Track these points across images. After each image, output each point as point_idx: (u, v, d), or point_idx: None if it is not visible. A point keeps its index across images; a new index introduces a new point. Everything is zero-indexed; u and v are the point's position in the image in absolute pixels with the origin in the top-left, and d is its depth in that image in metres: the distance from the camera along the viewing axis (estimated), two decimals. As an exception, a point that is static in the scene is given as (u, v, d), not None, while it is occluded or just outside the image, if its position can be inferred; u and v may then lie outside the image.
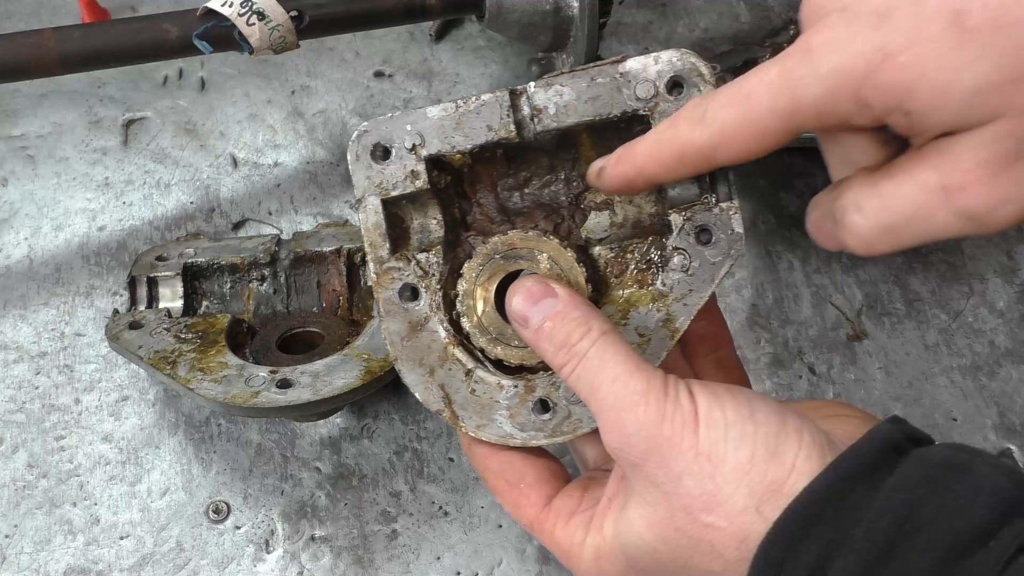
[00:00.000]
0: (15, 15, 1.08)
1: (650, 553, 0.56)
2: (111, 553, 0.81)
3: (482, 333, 0.63)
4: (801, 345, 0.93)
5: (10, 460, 0.85)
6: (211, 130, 1.02)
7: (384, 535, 0.82)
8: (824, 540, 0.50)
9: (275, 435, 0.86)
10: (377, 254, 0.63)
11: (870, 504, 0.49)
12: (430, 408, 0.63)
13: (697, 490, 0.53)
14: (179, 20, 0.87)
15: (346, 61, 1.07)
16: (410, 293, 0.63)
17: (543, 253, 0.64)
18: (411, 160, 0.62)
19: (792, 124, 0.51)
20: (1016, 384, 0.91)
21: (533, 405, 0.62)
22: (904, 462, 0.51)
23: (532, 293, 0.58)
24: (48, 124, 1.02)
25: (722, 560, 0.54)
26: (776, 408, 0.55)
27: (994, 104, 0.46)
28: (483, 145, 0.62)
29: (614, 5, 0.96)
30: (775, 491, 0.52)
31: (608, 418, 0.55)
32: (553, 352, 0.57)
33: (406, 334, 0.63)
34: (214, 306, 0.89)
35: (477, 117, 0.62)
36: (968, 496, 0.48)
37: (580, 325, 0.57)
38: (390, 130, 0.63)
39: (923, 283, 0.96)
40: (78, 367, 0.89)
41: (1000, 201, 0.48)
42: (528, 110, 0.62)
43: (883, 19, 0.48)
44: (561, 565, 0.81)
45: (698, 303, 0.62)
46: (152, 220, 0.97)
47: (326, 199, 0.99)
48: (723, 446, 0.53)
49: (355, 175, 0.63)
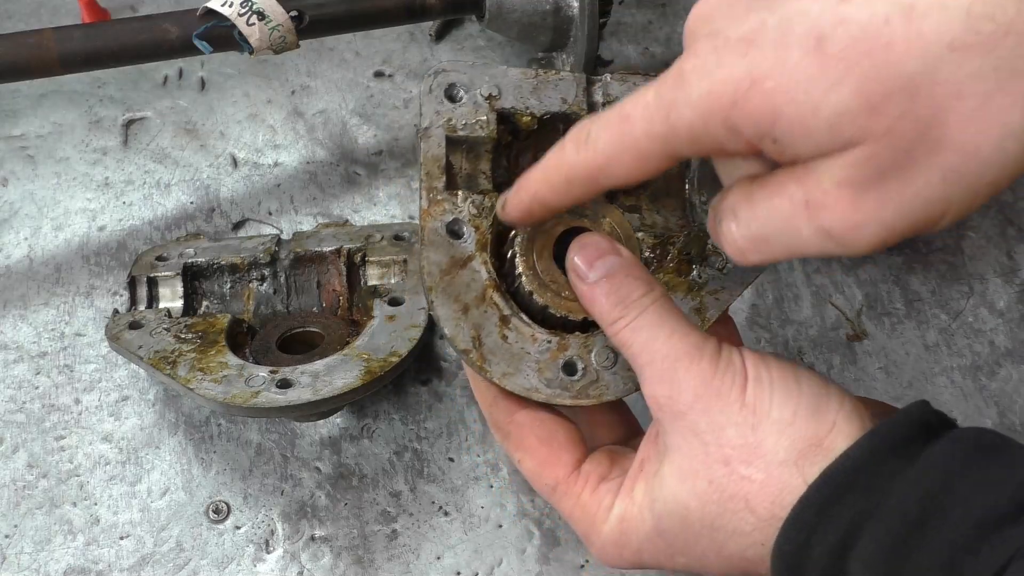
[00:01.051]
0: (15, 15, 1.08)
1: (679, 511, 0.56)
2: (111, 553, 0.81)
3: (535, 278, 0.63)
4: (801, 345, 0.93)
5: (10, 460, 0.85)
6: (211, 130, 1.02)
7: (384, 535, 0.82)
8: (856, 508, 0.50)
9: (275, 435, 0.86)
10: (432, 184, 0.64)
11: (904, 477, 0.50)
12: (456, 346, 0.63)
13: (739, 440, 0.54)
14: (179, 20, 0.87)
15: (346, 61, 1.07)
16: (458, 229, 0.64)
17: (606, 217, 0.65)
18: (484, 108, 0.64)
19: (669, 148, 0.52)
20: (1016, 384, 0.91)
21: (563, 364, 0.62)
22: (939, 440, 0.51)
23: (599, 247, 0.60)
24: (48, 124, 1.02)
25: (753, 517, 0.54)
26: (820, 378, 0.56)
27: (855, 129, 0.46)
28: (555, 113, 0.65)
29: (614, 5, 0.96)
30: (816, 445, 0.53)
31: (659, 367, 0.56)
32: (610, 306, 0.58)
33: (446, 268, 0.63)
34: (214, 306, 0.89)
35: (554, 88, 0.65)
36: (1002, 473, 0.49)
37: (643, 284, 0.58)
38: (470, 76, 0.64)
39: (923, 283, 0.96)
40: (78, 367, 0.89)
41: (859, 223, 0.48)
42: (601, 97, 0.65)
43: (750, 45, 0.47)
44: (562, 565, 0.81)
45: (729, 300, 0.64)
46: (152, 220, 0.97)
47: (326, 199, 0.99)
48: (768, 402, 0.54)
49: (425, 106, 0.64)
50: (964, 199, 0.47)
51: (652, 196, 0.68)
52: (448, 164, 0.64)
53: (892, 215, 0.47)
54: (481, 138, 0.64)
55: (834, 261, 0.97)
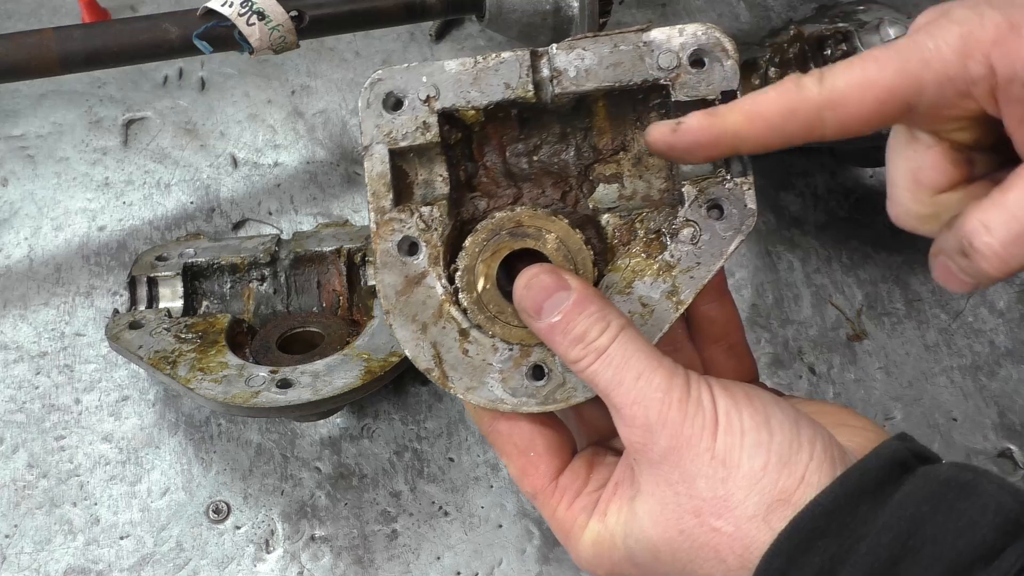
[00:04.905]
0: (15, 15, 1.08)
1: (651, 551, 0.56)
2: (111, 553, 0.81)
3: (480, 310, 0.61)
4: (801, 345, 0.93)
5: (10, 460, 0.85)
6: (211, 130, 1.02)
7: (384, 535, 0.82)
8: (828, 554, 0.50)
9: (275, 435, 0.86)
10: (379, 204, 0.61)
11: (875, 520, 0.50)
12: (418, 366, 0.61)
13: (709, 493, 0.53)
14: (179, 20, 0.87)
15: (346, 61, 1.07)
16: (409, 247, 0.61)
17: (551, 233, 0.62)
18: (424, 112, 0.61)
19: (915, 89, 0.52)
20: (1016, 384, 0.91)
21: (528, 370, 0.60)
22: (910, 479, 0.51)
23: (545, 286, 0.57)
24: (48, 124, 1.02)
25: (724, 567, 0.54)
26: (792, 416, 0.55)
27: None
28: (499, 103, 0.61)
29: (614, 5, 0.96)
30: (784, 500, 0.52)
31: (631, 414, 0.55)
32: (567, 347, 0.56)
33: (401, 288, 0.61)
34: (214, 306, 0.89)
35: (495, 74, 0.61)
36: (973, 515, 0.48)
37: (598, 321, 0.56)
38: (405, 80, 0.61)
39: (923, 283, 0.96)
40: (78, 367, 0.89)
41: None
42: (548, 72, 0.61)
43: (1010, 4, 0.51)
44: (561, 565, 0.81)
45: (705, 276, 0.61)
46: (152, 220, 0.97)
47: (326, 199, 0.99)
48: (738, 452, 0.53)
49: (364, 122, 0.61)
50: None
51: (635, 159, 0.65)
52: (396, 178, 0.62)
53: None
54: (426, 144, 0.61)
55: (834, 261, 0.97)
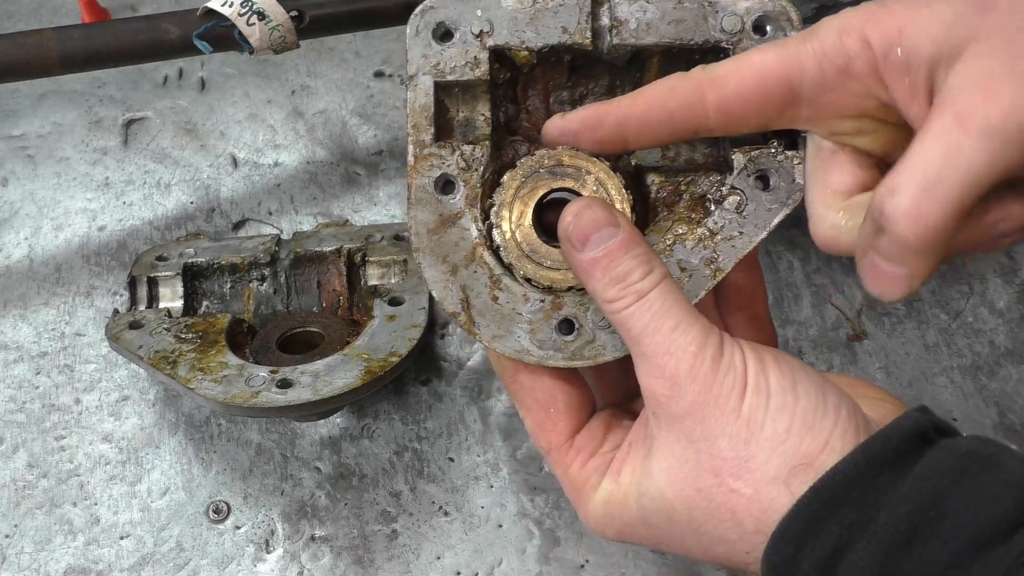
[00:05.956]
0: (15, 15, 1.08)
1: (665, 509, 0.55)
2: (111, 553, 0.81)
3: (514, 248, 0.59)
4: (801, 345, 0.93)
5: (10, 460, 0.85)
6: (211, 130, 1.02)
7: (384, 535, 0.82)
8: (846, 523, 0.50)
9: (275, 435, 0.86)
10: (419, 137, 0.59)
11: (895, 490, 0.50)
12: (445, 308, 0.59)
13: (731, 453, 0.53)
14: (179, 20, 0.87)
15: (346, 61, 1.07)
16: (444, 185, 0.59)
17: (591, 174, 0.60)
18: (475, 47, 0.59)
19: (794, 68, 0.55)
20: (1016, 384, 0.91)
21: (557, 323, 0.59)
22: (931, 451, 0.51)
23: (595, 218, 0.56)
24: (48, 124, 1.02)
25: (740, 529, 0.53)
26: (818, 381, 0.55)
27: (965, 30, 0.50)
28: (554, 47, 0.59)
29: (614, 5, 0.96)
30: (806, 464, 0.52)
31: (661, 363, 0.54)
32: (606, 285, 0.55)
33: (434, 227, 0.59)
34: (214, 306, 0.89)
35: (554, 16, 0.59)
36: (994, 489, 0.48)
37: (643, 264, 0.55)
38: (458, 11, 0.59)
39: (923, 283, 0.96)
40: (78, 367, 0.89)
41: (1011, 105, 0.48)
42: (608, 20, 0.59)
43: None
44: (562, 565, 0.81)
45: (746, 247, 0.59)
46: (152, 220, 0.97)
47: (326, 199, 0.99)
48: (763, 414, 0.53)
49: (411, 50, 0.59)
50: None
51: None
52: (437, 113, 0.59)
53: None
54: (474, 81, 0.59)
55: (834, 261, 0.97)
